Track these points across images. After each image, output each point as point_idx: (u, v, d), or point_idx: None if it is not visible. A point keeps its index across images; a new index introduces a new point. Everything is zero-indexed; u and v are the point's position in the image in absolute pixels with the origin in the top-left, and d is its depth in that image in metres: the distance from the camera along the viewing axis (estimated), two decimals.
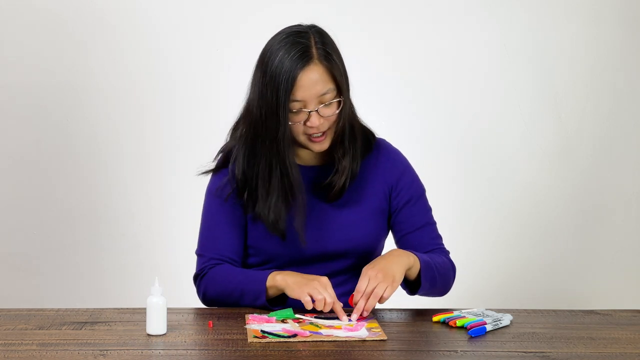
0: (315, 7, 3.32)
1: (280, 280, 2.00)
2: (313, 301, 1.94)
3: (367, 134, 2.18)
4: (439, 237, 2.21)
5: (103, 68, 3.36)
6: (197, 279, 2.14)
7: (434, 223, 2.21)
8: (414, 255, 2.03)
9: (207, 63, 3.38)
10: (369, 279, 1.94)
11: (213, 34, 3.38)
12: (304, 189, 2.08)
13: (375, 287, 1.92)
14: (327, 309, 1.94)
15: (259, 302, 2.02)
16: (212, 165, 2.17)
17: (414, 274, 2.03)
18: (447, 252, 2.19)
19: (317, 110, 2.00)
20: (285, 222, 2.07)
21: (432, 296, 2.15)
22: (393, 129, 2.66)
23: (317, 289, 1.94)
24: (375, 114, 2.36)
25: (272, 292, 2.02)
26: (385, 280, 1.93)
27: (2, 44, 3.34)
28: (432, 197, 2.24)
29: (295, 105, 2.00)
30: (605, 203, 3.53)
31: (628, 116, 3.51)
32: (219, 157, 2.17)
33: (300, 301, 1.99)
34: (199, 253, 2.16)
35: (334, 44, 2.06)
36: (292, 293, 1.98)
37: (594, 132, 3.50)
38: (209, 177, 2.18)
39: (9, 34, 3.33)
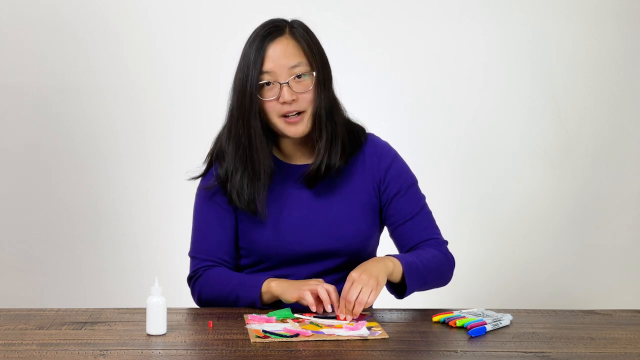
0: (315, 7, 3.32)
1: (276, 286, 2.02)
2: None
3: (357, 130, 2.18)
4: (434, 227, 2.18)
5: (103, 68, 3.36)
6: (191, 281, 2.15)
7: (428, 212, 2.18)
8: (395, 260, 2.03)
9: (207, 63, 3.38)
10: (353, 281, 1.94)
11: (213, 34, 3.39)
12: (271, 164, 2.09)
13: (360, 292, 1.92)
14: (333, 297, 1.95)
15: (255, 307, 2.04)
16: (201, 171, 2.18)
17: (397, 277, 2.03)
18: (444, 242, 2.17)
19: (287, 83, 2.02)
20: (253, 197, 2.08)
21: (429, 289, 2.14)
22: (392, 129, 2.67)
23: (313, 286, 1.97)
24: (375, 114, 2.36)
25: (266, 298, 2.04)
26: (369, 284, 1.93)
27: (2, 44, 3.34)
28: (432, 197, 2.23)
29: (265, 77, 2.03)
30: (605, 203, 3.53)
31: (628, 116, 3.51)
32: (207, 160, 2.18)
33: (296, 304, 2.00)
34: (192, 255, 2.17)
35: (313, 33, 2.09)
36: (290, 295, 1.99)
37: (594, 132, 3.50)
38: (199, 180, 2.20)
39: (9, 34, 3.33)
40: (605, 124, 3.50)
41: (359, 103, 2.20)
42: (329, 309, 1.94)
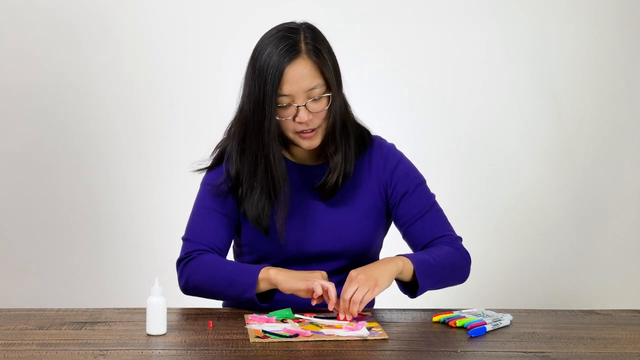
0: (315, 6, 3.32)
1: (274, 274, 1.99)
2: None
3: (362, 132, 2.18)
4: (446, 224, 2.16)
5: (103, 68, 3.36)
6: (181, 263, 2.10)
7: (439, 210, 2.16)
8: (405, 258, 2.01)
9: (207, 63, 3.38)
10: (351, 281, 1.93)
11: (213, 34, 3.39)
12: (288, 185, 2.08)
13: (355, 291, 1.91)
14: (332, 296, 1.93)
15: (246, 295, 2.00)
16: (207, 163, 2.17)
17: (408, 276, 2.01)
18: (457, 239, 2.15)
19: (305, 105, 2.00)
20: (268, 217, 2.07)
21: (446, 287, 2.11)
22: (392, 129, 2.67)
23: (325, 282, 1.94)
24: (375, 114, 2.36)
25: (262, 286, 2.01)
26: (367, 284, 1.92)
27: (2, 44, 3.34)
28: None
29: (283, 100, 2.00)
30: (605, 203, 3.53)
31: (628, 116, 3.51)
32: (215, 154, 2.17)
33: (295, 301, 2.01)
34: (186, 238, 2.13)
35: (326, 40, 2.06)
36: (294, 285, 1.96)
37: (594, 132, 3.50)
38: (204, 173, 2.19)
39: (9, 34, 3.33)
40: (605, 124, 3.51)
41: (358, 102, 2.20)
42: (331, 307, 1.94)
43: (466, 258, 2.14)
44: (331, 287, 1.93)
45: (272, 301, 2.03)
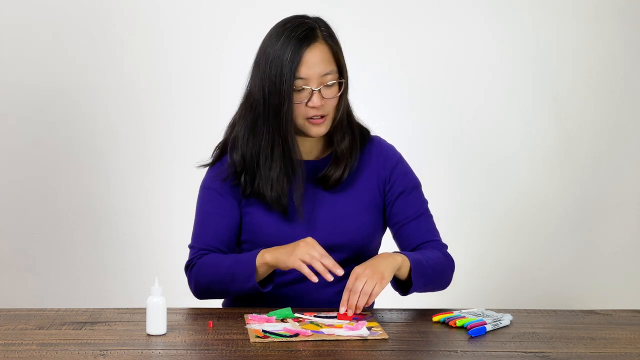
0: (317, 6, 3.32)
1: (269, 257, 2.01)
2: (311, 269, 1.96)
3: (362, 130, 2.21)
4: (435, 231, 2.20)
5: (103, 68, 3.36)
6: (187, 270, 2.14)
7: (430, 216, 2.21)
8: (403, 256, 2.03)
9: (207, 63, 3.38)
10: (357, 276, 1.94)
11: (213, 34, 3.39)
12: (303, 164, 2.11)
13: (364, 284, 1.92)
14: (327, 265, 1.94)
15: (250, 284, 2.02)
16: (211, 160, 2.19)
17: (404, 273, 2.03)
18: (444, 246, 2.19)
19: (319, 90, 2.05)
20: (287, 197, 2.10)
21: (430, 291, 2.14)
22: (392, 129, 2.67)
23: (307, 253, 1.96)
24: (375, 114, 2.37)
25: (262, 271, 2.03)
26: (374, 277, 1.93)
27: (2, 44, 3.34)
28: (432, 197, 2.24)
29: (298, 83, 2.05)
30: (605, 203, 3.53)
31: (628, 116, 3.51)
32: (215, 152, 2.19)
33: (296, 299, 2.04)
34: (191, 245, 2.17)
35: (336, 35, 2.13)
36: (286, 264, 1.98)
37: (594, 132, 3.50)
38: (204, 174, 2.20)
39: (9, 34, 3.33)
40: (605, 124, 3.50)
41: (358, 102, 2.20)
42: (328, 277, 1.94)
43: (451, 265, 2.18)
44: (315, 262, 1.94)
45: (273, 284, 2.05)
